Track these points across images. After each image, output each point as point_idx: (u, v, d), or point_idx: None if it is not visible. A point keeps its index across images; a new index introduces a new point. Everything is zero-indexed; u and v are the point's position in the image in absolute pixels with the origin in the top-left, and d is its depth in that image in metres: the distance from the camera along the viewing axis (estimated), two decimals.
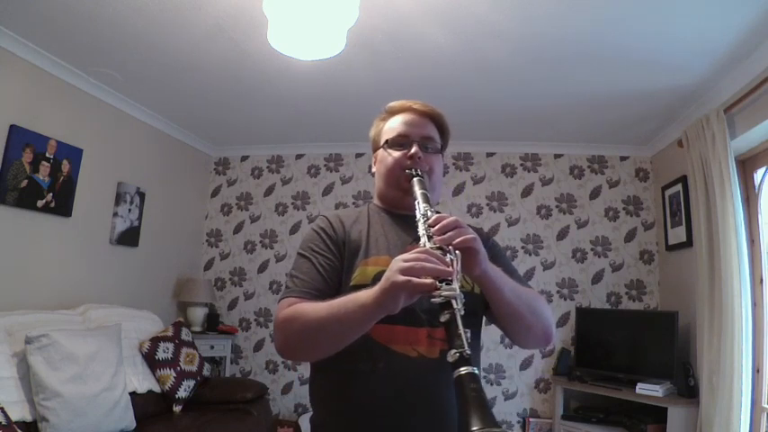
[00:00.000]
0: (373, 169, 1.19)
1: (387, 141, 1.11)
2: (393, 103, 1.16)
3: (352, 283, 0.97)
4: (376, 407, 0.91)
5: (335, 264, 1.01)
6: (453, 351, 0.67)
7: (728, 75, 2.50)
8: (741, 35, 2.16)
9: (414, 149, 1.07)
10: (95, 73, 2.85)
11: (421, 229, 0.88)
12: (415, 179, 1.03)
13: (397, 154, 1.09)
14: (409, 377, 0.91)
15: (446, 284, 0.74)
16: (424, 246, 0.83)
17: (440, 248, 0.81)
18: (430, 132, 1.12)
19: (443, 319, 0.72)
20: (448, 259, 0.78)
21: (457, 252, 0.80)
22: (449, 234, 0.83)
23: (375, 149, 1.18)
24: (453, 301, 0.72)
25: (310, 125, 3.70)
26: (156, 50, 2.54)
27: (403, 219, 1.09)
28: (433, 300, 0.74)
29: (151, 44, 2.48)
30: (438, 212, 0.92)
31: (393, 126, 1.13)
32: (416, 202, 0.96)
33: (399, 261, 0.77)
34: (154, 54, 2.59)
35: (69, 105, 2.86)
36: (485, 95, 3.00)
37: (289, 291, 0.97)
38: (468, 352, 0.67)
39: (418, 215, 0.92)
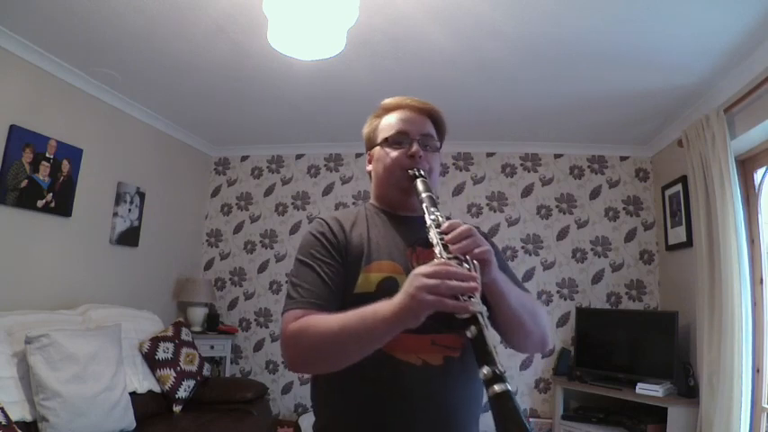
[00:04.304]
0: (368, 168, 1.15)
1: (386, 139, 1.07)
2: (389, 100, 1.12)
3: (355, 291, 0.94)
4: (380, 415, 0.89)
5: (339, 270, 0.97)
6: (486, 369, 0.66)
7: (728, 75, 2.50)
8: (741, 35, 2.16)
9: (414, 148, 1.04)
10: (95, 73, 2.85)
11: (434, 238, 0.85)
12: (418, 180, 1.00)
13: (395, 153, 1.05)
14: (414, 386, 0.89)
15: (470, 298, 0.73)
16: (440, 255, 0.81)
17: (456, 258, 0.80)
18: (429, 130, 1.08)
19: (470, 334, 0.71)
20: (467, 269, 0.77)
21: (475, 262, 0.80)
22: (465, 243, 0.82)
23: (369, 148, 1.14)
24: (479, 316, 0.72)
25: (310, 125, 3.70)
26: (156, 50, 2.54)
27: (402, 220, 1.06)
28: (457, 315, 0.73)
29: (151, 44, 2.48)
30: (448, 218, 0.91)
31: (391, 123, 1.08)
32: (424, 206, 0.94)
33: (422, 277, 0.75)
34: (154, 54, 2.59)
35: (69, 105, 2.86)
36: (485, 95, 3.00)
37: (293, 302, 0.93)
38: (501, 369, 0.66)
39: (428, 220, 0.90)
